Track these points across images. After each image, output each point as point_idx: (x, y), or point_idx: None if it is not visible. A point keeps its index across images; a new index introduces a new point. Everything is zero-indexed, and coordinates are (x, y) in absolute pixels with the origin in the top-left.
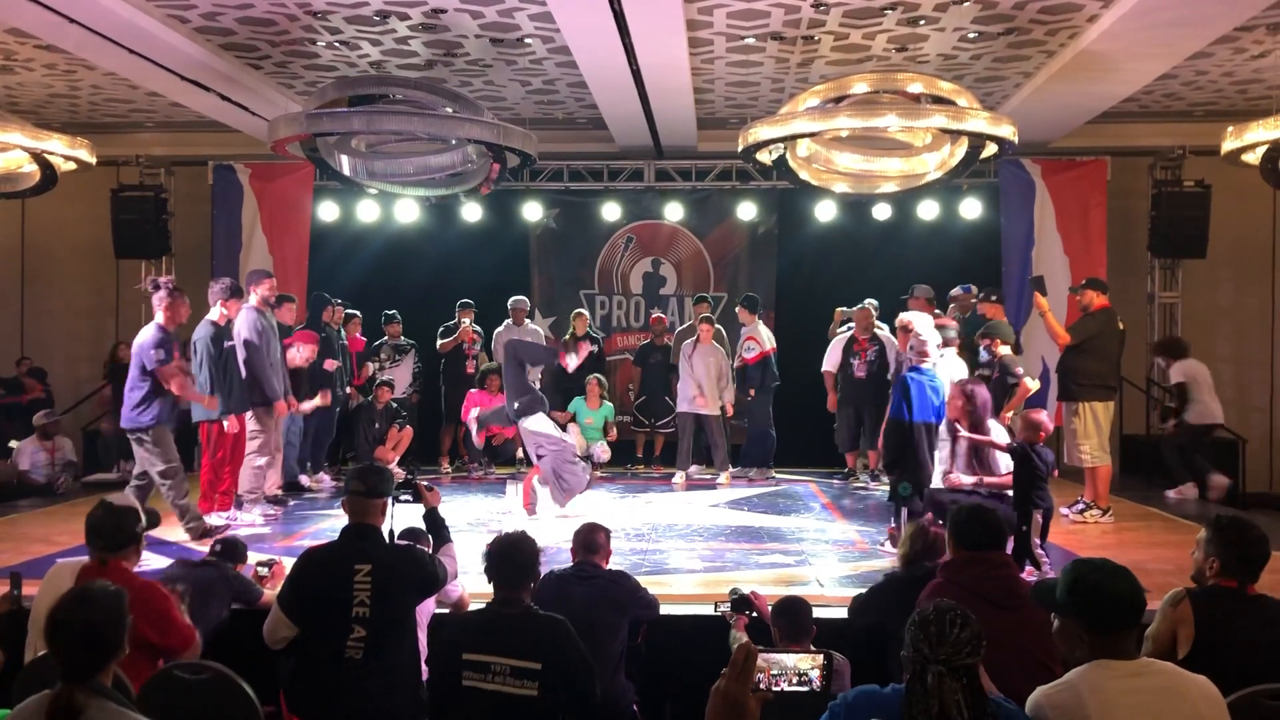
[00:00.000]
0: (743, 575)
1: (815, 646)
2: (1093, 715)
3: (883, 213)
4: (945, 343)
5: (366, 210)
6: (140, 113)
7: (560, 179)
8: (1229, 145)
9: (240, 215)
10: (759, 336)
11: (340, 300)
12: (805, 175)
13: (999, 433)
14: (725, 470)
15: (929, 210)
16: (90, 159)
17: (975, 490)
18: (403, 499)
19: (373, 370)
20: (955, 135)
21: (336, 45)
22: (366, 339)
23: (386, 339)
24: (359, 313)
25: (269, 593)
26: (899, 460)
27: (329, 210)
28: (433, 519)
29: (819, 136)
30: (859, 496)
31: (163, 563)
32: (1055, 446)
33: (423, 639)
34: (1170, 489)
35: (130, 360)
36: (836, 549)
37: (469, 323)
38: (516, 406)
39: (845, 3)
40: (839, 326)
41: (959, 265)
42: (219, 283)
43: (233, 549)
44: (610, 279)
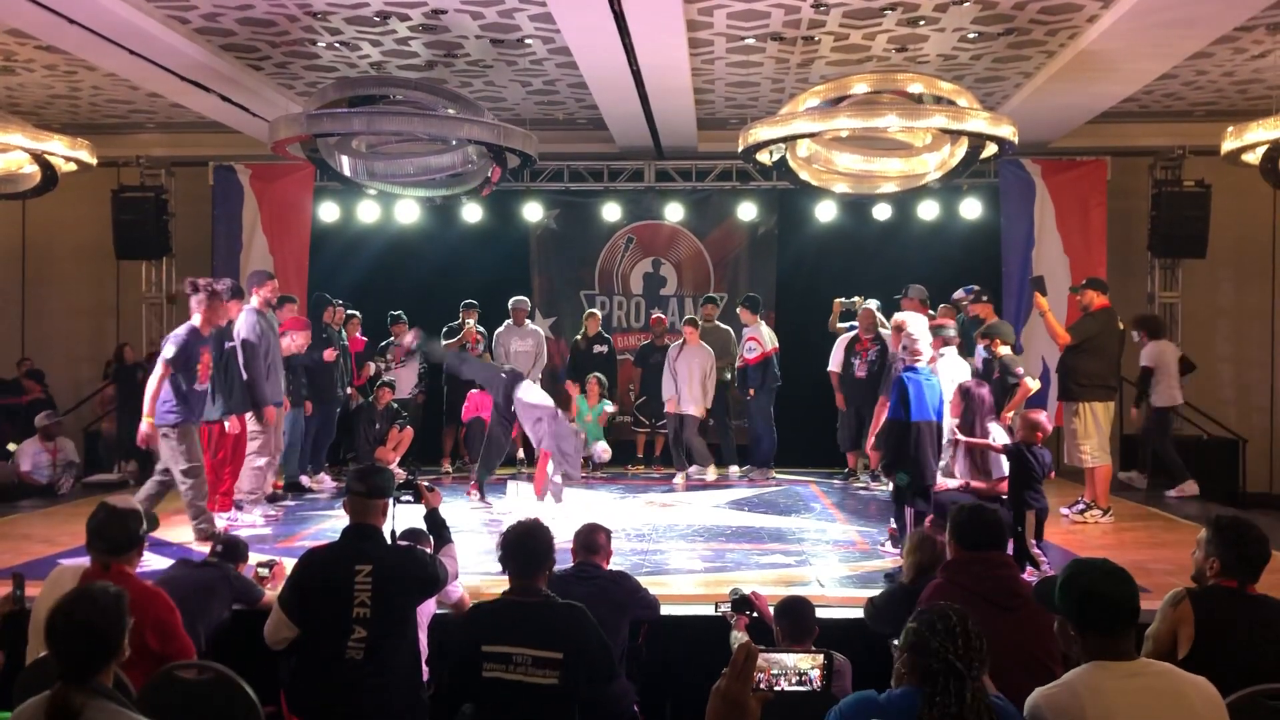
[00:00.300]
0: (743, 575)
1: (816, 647)
2: (1090, 716)
3: (883, 213)
4: (945, 341)
5: (367, 211)
6: (141, 113)
7: (560, 179)
8: (1229, 145)
9: (241, 216)
10: (760, 337)
11: (341, 301)
12: (805, 176)
13: (999, 434)
14: (683, 472)
15: (929, 210)
16: (91, 160)
17: (975, 491)
18: (404, 499)
19: (375, 370)
20: (955, 135)
21: (337, 46)
22: (367, 339)
23: (393, 339)
24: (358, 313)
25: (270, 593)
26: (899, 461)
27: (329, 211)
28: (433, 519)
29: (819, 137)
30: (860, 497)
31: (164, 563)
32: (1055, 447)
33: (423, 639)
34: (1170, 489)
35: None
36: (837, 549)
37: (473, 323)
38: (503, 394)
39: (845, 3)
40: (839, 319)
41: (959, 265)
42: (220, 283)
43: (234, 549)
44: (610, 279)
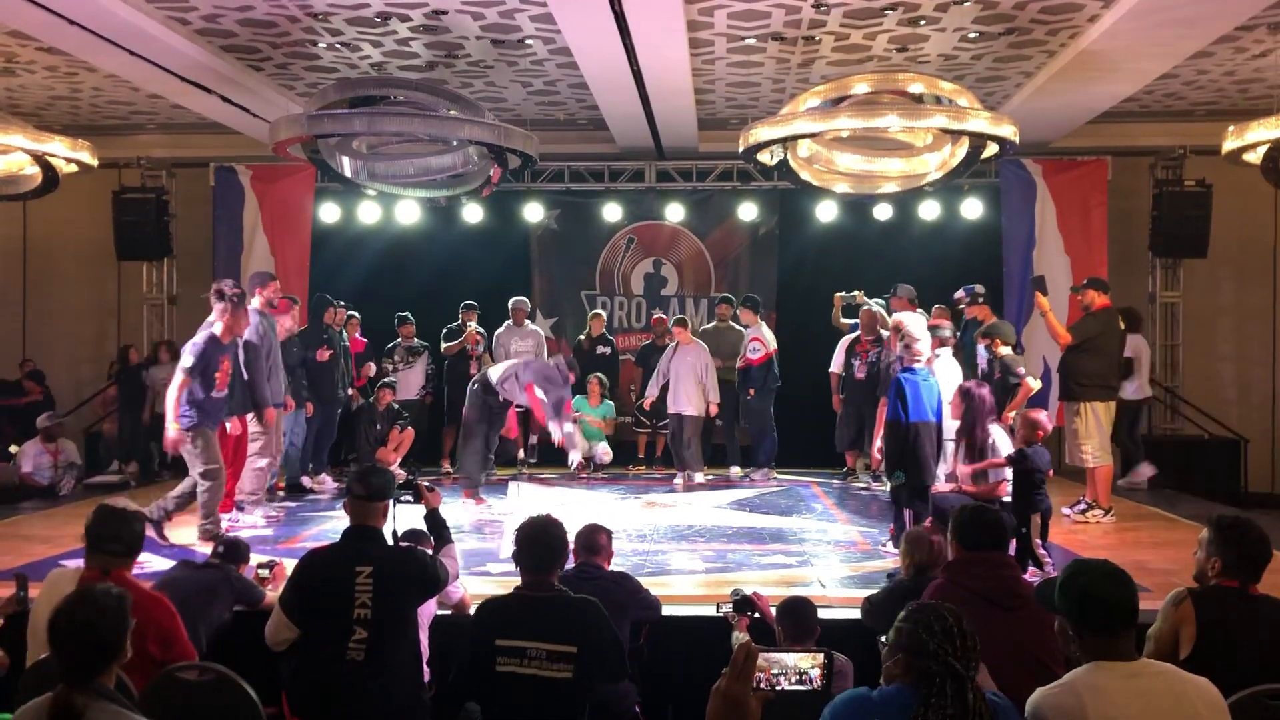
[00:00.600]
0: (744, 576)
1: (817, 647)
2: (1091, 716)
3: (884, 213)
4: (941, 342)
5: (368, 212)
6: (141, 115)
7: (561, 180)
8: (1230, 145)
9: (241, 217)
10: (763, 337)
11: (342, 302)
12: (806, 176)
13: (1000, 435)
14: (682, 474)
15: (930, 210)
16: (92, 161)
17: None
18: (404, 500)
19: (376, 371)
20: (956, 135)
21: (337, 47)
22: (367, 340)
23: (400, 340)
24: (358, 313)
25: (271, 595)
26: (899, 462)
27: (330, 212)
28: (434, 520)
29: (820, 137)
30: (861, 497)
31: (165, 564)
32: (1055, 447)
33: (424, 640)
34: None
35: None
36: (838, 549)
37: (474, 325)
38: (489, 386)
39: (846, 3)
40: (841, 314)
41: (960, 265)
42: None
43: (235, 550)
44: (611, 280)
